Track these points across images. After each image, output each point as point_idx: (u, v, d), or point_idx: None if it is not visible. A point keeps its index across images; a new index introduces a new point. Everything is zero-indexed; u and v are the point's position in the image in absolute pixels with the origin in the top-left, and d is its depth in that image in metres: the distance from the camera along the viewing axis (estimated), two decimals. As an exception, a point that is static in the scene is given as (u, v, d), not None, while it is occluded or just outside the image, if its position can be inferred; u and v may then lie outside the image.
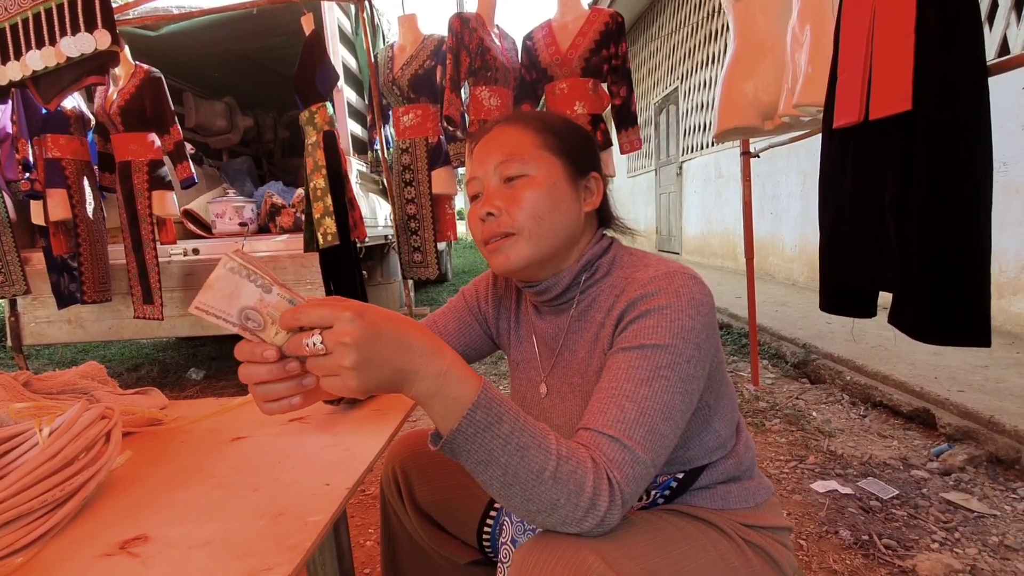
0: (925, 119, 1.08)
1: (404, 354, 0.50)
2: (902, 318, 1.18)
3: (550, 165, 0.75)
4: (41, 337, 3.17)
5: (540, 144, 0.76)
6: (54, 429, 0.67)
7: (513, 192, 0.74)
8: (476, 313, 0.96)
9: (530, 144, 0.76)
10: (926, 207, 1.08)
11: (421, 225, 2.59)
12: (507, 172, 0.75)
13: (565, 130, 0.79)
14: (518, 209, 0.73)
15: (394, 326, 0.50)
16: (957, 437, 1.95)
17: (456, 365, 0.53)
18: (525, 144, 0.76)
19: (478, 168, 0.78)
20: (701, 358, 0.67)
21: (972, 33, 1.04)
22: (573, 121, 0.84)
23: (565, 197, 0.75)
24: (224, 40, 3.76)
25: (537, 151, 0.75)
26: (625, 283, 0.75)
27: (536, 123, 0.78)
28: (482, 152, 0.79)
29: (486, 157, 0.77)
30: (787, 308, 3.81)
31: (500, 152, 0.76)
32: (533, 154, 0.75)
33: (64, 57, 1.03)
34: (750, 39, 1.93)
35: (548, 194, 0.74)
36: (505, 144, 0.76)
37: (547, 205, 0.73)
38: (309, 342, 0.47)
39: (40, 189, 2.62)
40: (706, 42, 6.01)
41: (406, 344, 0.50)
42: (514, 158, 0.75)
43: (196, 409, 0.86)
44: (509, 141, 0.76)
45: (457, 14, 2.27)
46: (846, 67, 1.26)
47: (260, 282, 0.49)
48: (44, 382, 0.82)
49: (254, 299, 0.49)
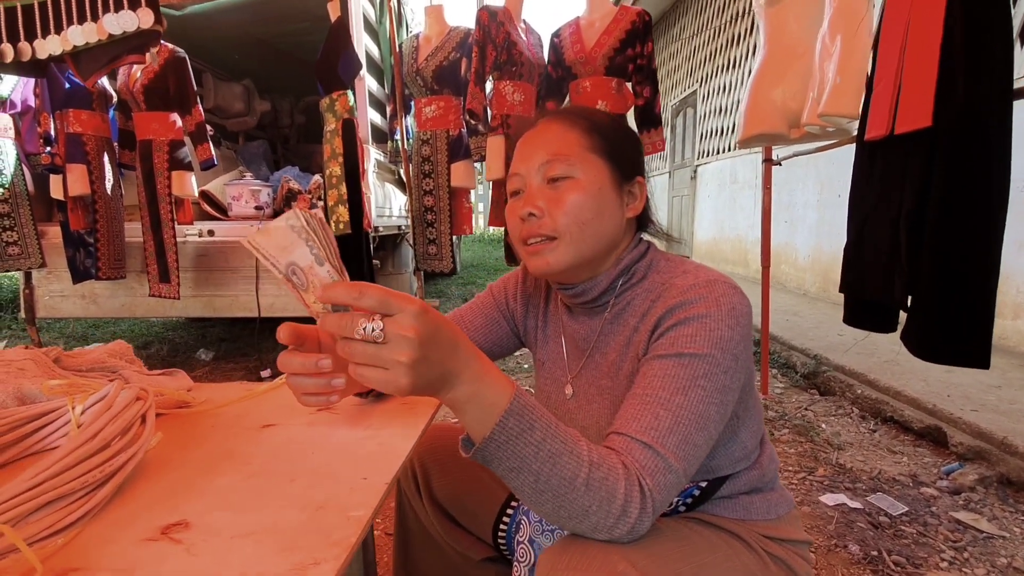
0: (945, 137, 1.07)
1: (453, 356, 0.49)
2: (909, 335, 1.18)
3: (596, 168, 0.73)
4: (54, 311, 3.19)
5: (587, 145, 0.74)
6: (87, 407, 0.68)
7: (557, 194, 0.73)
8: (504, 310, 0.96)
9: (576, 145, 0.74)
10: (937, 225, 1.08)
11: (438, 218, 2.59)
12: (552, 173, 0.73)
13: (613, 131, 0.77)
14: (561, 212, 0.72)
15: (448, 328, 0.49)
16: (968, 457, 1.94)
17: (491, 371, 0.52)
18: (571, 144, 0.74)
19: (521, 164, 0.76)
20: (738, 369, 0.66)
21: (1000, 54, 1.02)
22: (622, 121, 0.82)
23: (609, 202, 0.74)
24: (247, 23, 3.76)
25: (583, 153, 0.73)
26: (662, 288, 0.74)
27: (583, 122, 0.76)
28: (526, 148, 0.77)
29: (531, 154, 0.75)
30: (798, 318, 3.79)
31: (545, 151, 0.74)
32: (579, 156, 0.73)
33: (106, 34, 1.03)
34: (781, 45, 1.91)
35: (592, 199, 0.72)
36: (551, 142, 0.74)
37: (591, 210, 0.72)
38: (367, 327, 0.44)
39: (60, 164, 2.63)
40: (728, 46, 5.96)
41: (456, 346, 0.49)
42: (559, 158, 0.73)
43: (222, 393, 0.87)
44: (555, 140, 0.74)
45: (485, 7, 2.26)
46: (880, 80, 1.24)
47: (315, 251, 0.47)
48: (74, 359, 0.82)
49: (305, 262, 0.48)
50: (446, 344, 0.48)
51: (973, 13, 1.03)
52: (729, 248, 6.08)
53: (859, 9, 1.48)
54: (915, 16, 1.14)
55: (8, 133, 2.82)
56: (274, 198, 3.48)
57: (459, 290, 5.77)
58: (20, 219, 2.83)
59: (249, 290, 3.07)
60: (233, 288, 3.08)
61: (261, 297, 3.06)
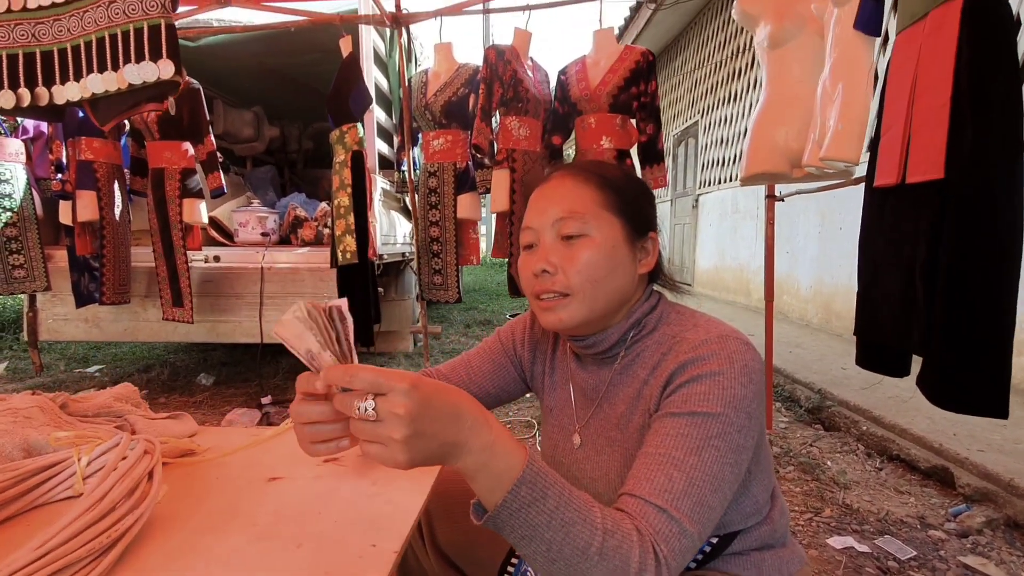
0: (955, 188, 1.08)
1: (454, 427, 0.49)
2: (926, 382, 1.17)
3: (610, 225, 0.74)
4: (57, 334, 3.19)
5: (601, 202, 0.74)
6: (93, 458, 0.68)
7: (571, 252, 0.73)
8: (511, 355, 0.96)
9: (591, 201, 0.74)
10: (952, 275, 1.08)
11: (444, 248, 2.61)
12: (566, 230, 0.73)
13: (626, 187, 0.78)
14: (575, 271, 0.72)
15: (446, 398, 0.49)
16: (975, 498, 1.91)
17: (502, 438, 0.52)
18: (585, 201, 0.74)
19: (535, 219, 0.76)
20: (751, 427, 0.66)
21: (1009, 107, 1.04)
22: (634, 175, 0.82)
23: (623, 260, 0.75)
24: (260, 54, 3.84)
25: (597, 210, 0.74)
26: (673, 341, 0.74)
27: (597, 178, 0.76)
28: (540, 202, 0.77)
29: (544, 209, 0.76)
30: (801, 350, 3.77)
31: (559, 207, 0.74)
32: (593, 213, 0.74)
33: (126, 84, 1.05)
34: (783, 87, 1.95)
35: (606, 257, 0.73)
36: (565, 199, 0.75)
37: (604, 268, 0.73)
38: (361, 405, 0.46)
39: (70, 190, 2.66)
40: (728, 80, 6.07)
41: (457, 417, 0.49)
42: (574, 216, 0.73)
43: (227, 439, 0.86)
44: (569, 196, 0.75)
45: (493, 46, 2.31)
46: (889, 128, 1.26)
47: (319, 339, 0.51)
48: (80, 403, 0.82)
49: (315, 348, 0.51)
50: (444, 416, 0.48)
51: (982, 67, 1.05)
52: (731, 277, 6.09)
53: (861, 57, 1.51)
54: (923, 68, 1.16)
55: (20, 158, 2.86)
56: (280, 224, 3.51)
57: (461, 315, 5.77)
58: (28, 243, 2.85)
59: (252, 316, 3.08)
60: (237, 314, 3.09)
61: (264, 324, 3.06)
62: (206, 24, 3.35)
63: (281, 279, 3.06)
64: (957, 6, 1.10)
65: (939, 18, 1.15)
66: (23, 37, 1.11)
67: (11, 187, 2.78)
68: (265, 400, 3.09)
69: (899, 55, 1.25)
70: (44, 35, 1.12)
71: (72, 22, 1.09)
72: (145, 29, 1.06)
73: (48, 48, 1.09)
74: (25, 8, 1.11)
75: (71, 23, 1.09)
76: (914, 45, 1.19)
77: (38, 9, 1.12)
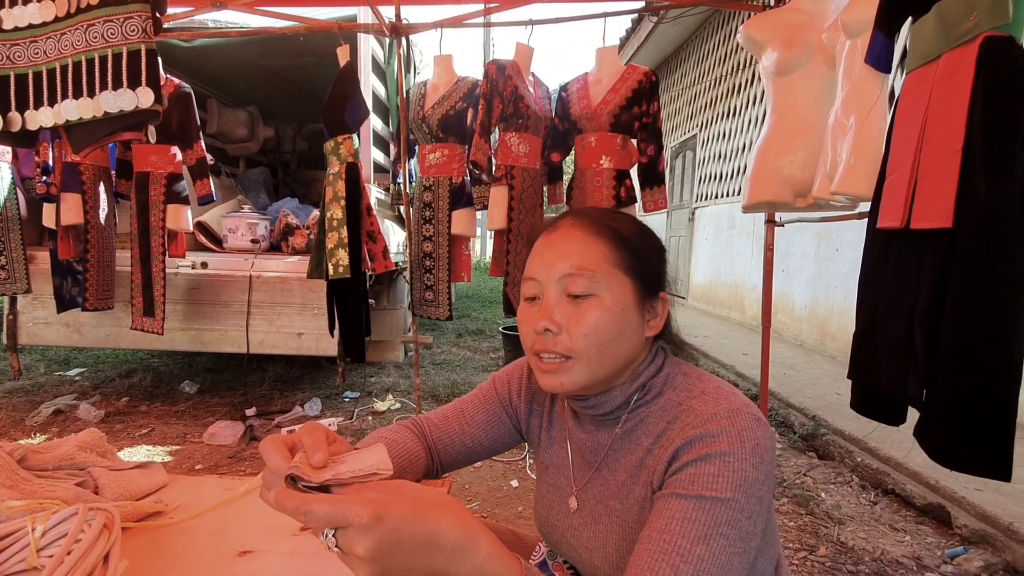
0: (965, 238, 1.04)
1: (429, 557, 0.45)
2: (924, 435, 1.13)
3: (621, 286, 0.69)
4: (37, 338, 3.11)
5: (613, 260, 0.69)
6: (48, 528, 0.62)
7: (577, 312, 0.68)
8: (507, 406, 0.91)
9: (602, 259, 0.69)
10: (956, 327, 1.04)
11: (436, 264, 2.55)
12: (573, 289, 0.68)
13: (640, 243, 0.72)
14: (580, 333, 0.67)
15: (419, 527, 0.44)
16: (973, 540, 1.88)
17: (491, 558, 0.47)
18: (597, 258, 0.69)
19: (540, 271, 0.71)
20: (761, 512, 0.61)
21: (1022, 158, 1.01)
22: (648, 229, 0.76)
23: (631, 323, 0.70)
24: (256, 56, 3.78)
25: (609, 268, 0.69)
26: (678, 409, 0.70)
27: (609, 232, 0.71)
28: (547, 253, 0.72)
29: (552, 262, 0.70)
30: (795, 372, 3.75)
31: (568, 262, 0.69)
32: (604, 271, 0.68)
33: (102, 112, 0.99)
34: (789, 115, 1.92)
35: (615, 320, 0.68)
36: (575, 255, 0.69)
37: (612, 332, 0.68)
38: (325, 540, 0.43)
39: (55, 193, 2.59)
40: (728, 94, 6.06)
41: (433, 545, 0.45)
42: (583, 274, 0.68)
43: (198, 493, 0.80)
44: (579, 251, 0.69)
45: (494, 61, 2.27)
46: (895, 170, 1.23)
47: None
48: (40, 455, 0.76)
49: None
50: (417, 547, 0.44)
51: (995, 116, 1.02)
52: (726, 293, 6.07)
53: (874, 91, 1.48)
54: (934, 112, 1.13)
55: (5, 157, 2.78)
56: (271, 231, 3.45)
57: (453, 325, 5.71)
58: (10, 243, 2.77)
59: (239, 325, 3.01)
60: (223, 323, 3.02)
61: (251, 333, 2.99)
62: (201, 25, 3.29)
63: (270, 288, 3.00)
64: (973, 51, 1.06)
65: (953, 62, 1.11)
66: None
67: (-6, 187, 2.69)
68: (249, 412, 3.01)
69: (908, 96, 1.21)
70: (20, 57, 1.05)
71: (49, 44, 1.02)
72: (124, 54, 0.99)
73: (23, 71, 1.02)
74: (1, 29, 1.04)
75: (47, 45, 1.02)
76: (925, 87, 1.16)
77: (14, 31, 1.05)
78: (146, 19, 1.03)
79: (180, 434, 2.74)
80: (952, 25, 1.12)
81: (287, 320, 2.99)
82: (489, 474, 2.41)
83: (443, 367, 4.09)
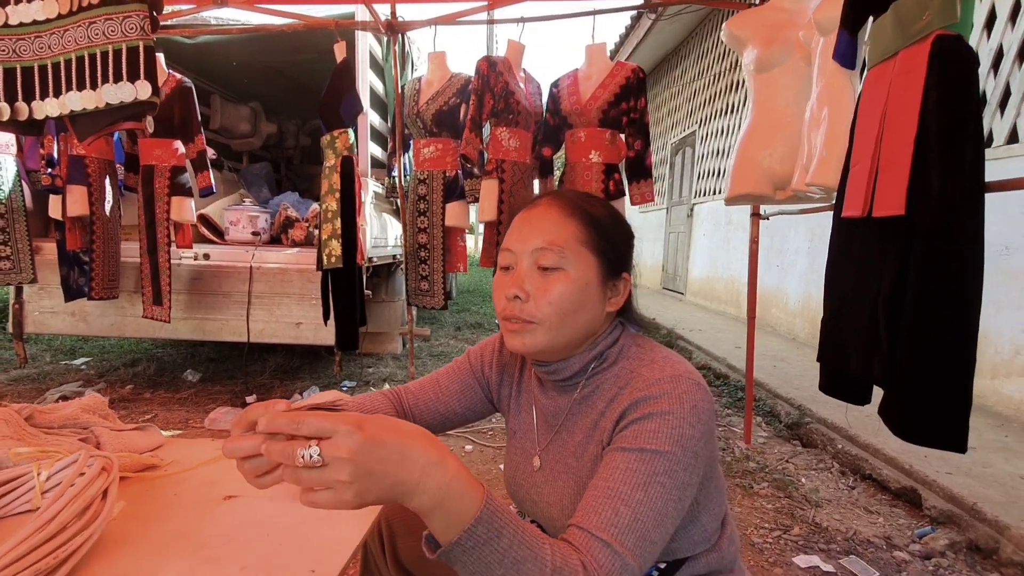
0: (921, 227, 1.10)
1: (404, 468, 0.50)
2: (887, 413, 1.20)
3: (586, 263, 0.76)
4: (43, 327, 3.20)
5: (582, 239, 0.76)
6: (53, 474, 0.69)
7: (545, 282, 0.75)
8: (479, 377, 0.98)
9: (572, 237, 0.76)
10: (915, 310, 1.11)
11: (431, 255, 2.63)
12: (543, 261, 0.75)
13: (610, 227, 0.79)
14: (545, 301, 0.74)
15: (396, 437, 0.50)
16: (941, 520, 1.94)
17: (458, 477, 0.52)
18: (567, 236, 0.76)
19: (516, 243, 0.78)
20: (697, 466, 0.68)
21: (972, 151, 1.07)
22: (619, 215, 0.83)
23: (592, 297, 0.77)
24: (257, 52, 3.85)
25: (577, 246, 0.76)
26: (629, 376, 0.77)
27: (582, 213, 0.78)
28: (524, 228, 0.79)
29: (527, 236, 0.77)
30: (785, 364, 3.81)
31: (541, 237, 0.76)
32: (573, 248, 0.75)
33: (104, 102, 1.06)
34: (768, 110, 1.98)
35: (577, 292, 0.75)
36: (548, 231, 0.76)
37: (574, 303, 0.75)
38: (305, 453, 0.46)
39: (60, 185, 2.67)
40: (727, 91, 6.10)
41: (407, 456, 0.50)
42: (553, 248, 0.75)
43: (191, 452, 0.88)
44: (553, 227, 0.76)
45: (485, 57, 2.33)
46: (857, 161, 1.29)
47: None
48: (46, 415, 0.84)
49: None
50: (392, 455, 0.49)
51: (945, 109, 1.08)
52: (723, 288, 6.13)
53: (845, 86, 1.54)
54: (892, 105, 1.19)
55: (10, 149, 2.86)
56: (271, 224, 3.53)
57: (452, 318, 5.78)
58: (15, 234, 2.86)
59: (240, 315, 3.09)
60: (224, 312, 3.10)
61: (251, 323, 3.07)
62: (204, 22, 3.36)
63: (270, 279, 3.08)
64: (925, 49, 1.13)
65: (909, 58, 1.17)
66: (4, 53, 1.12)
67: (0, 179, 2.78)
68: (249, 399, 3.10)
69: (869, 91, 1.27)
70: (25, 51, 1.14)
71: (53, 40, 1.11)
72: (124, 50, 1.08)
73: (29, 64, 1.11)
74: (7, 24, 1.13)
75: (52, 40, 1.11)
76: (884, 82, 1.22)
77: (19, 26, 1.13)
78: (144, 17, 1.11)
79: (183, 419, 2.83)
80: (907, 24, 1.19)
81: (286, 310, 3.07)
82: (479, 458, 2.49)
83: (440, 359, 4.17)
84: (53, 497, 0.57)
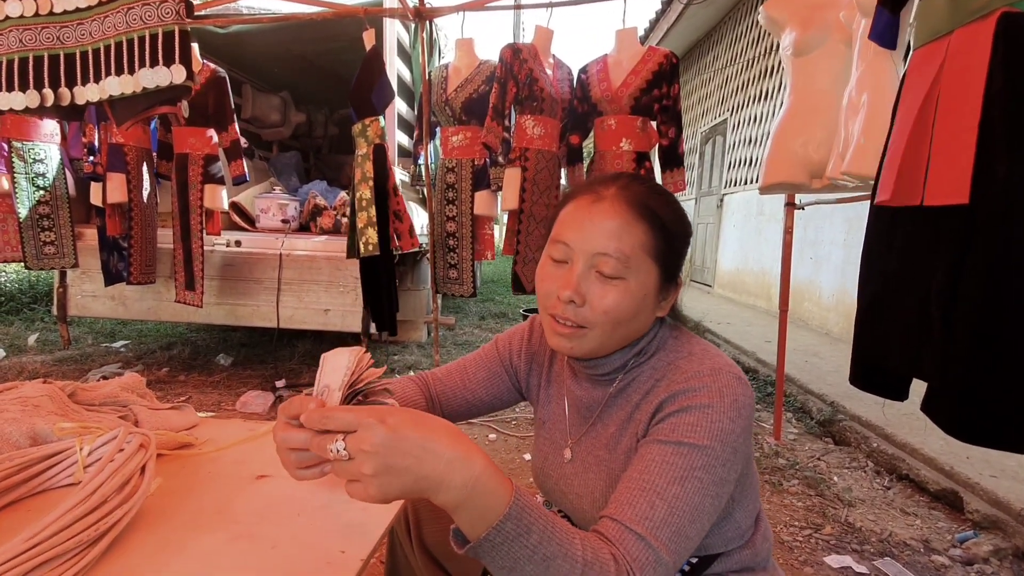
0: (984, 215, 1.04)
1: (428, 462, 0.49)
2: (936, 409, 1.15)
3: (647, 273, 0.72)
4: (85, 310, 3.32)
5: (648, 247, 0.72)
6: (94, 448, 0.71)
7: (603, 290, 0.71)
8: (507, 365, 0.97)
9: (638, 245, 0.71)
10: (979, 304, 1.05)
11: (460, 243, 2.63)
12: (604, 269, 0.71)
13: (674, 231, 0.75)
14: (601, 309, 0.71)
15: (420, 432, 0.49)
16: (984, 525, 1.87)
17: (486, 473, 0.51)
18: (633, 244, 0.71)
19: (575, 239, 0.72)
20: (735, 462, 0.66)
21: None
22: (682, 211, 0.78)
23: (648, 306, 0.74)
24: (287, 41, 3.90)
25: (641, 255, 0.71)
26: (666, 368, 0.75)
27: (650, 217, 0.72)
28: (586, 224, 0.72)
29: (589, 236, 0.71)
30: (818, 359, 3.71)
31: (607, 243, 0.71)
32: (638, 258, 0.71)
33: (141, 87, 1.09)
34: (806, 95, 1.91)
35: (635, 304, 0.72)
36: (614, 236, 0.71)
37: (629, 313, 0.72)
38: (332, 447, 0.48)
39: (101, 172, 2.76)
40: (760, 78, 5.93)
41: (431, 451, 0.49)
42: (618, 256, 0.70)
43: (225, 431, 0.90)
44: (619, 233, 0.71)
45: (509, 45, 2.30)
46: (900, 147, 1.23)
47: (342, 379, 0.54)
48: (87, 392, 0.86)
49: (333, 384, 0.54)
50: (416, 450, 0.48)
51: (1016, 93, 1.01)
52: (752, 281, 5.99)
53: (887, 70, 1.47)
54: (946, 89, 1.12)
55: (55, 138, 2.96)
56: (300, 212, 3.58)
57: (476, 307, 5.80)
58: (59, 220, 2.96)
59: (270, 301, 3.16)
60: (255, 298, 3.17)
61: (281, 309, 3.13)
62: (236, 11, 3.41)
63: (299, 266, 3.13)
64: (989, 27, 1.06)
65: (967, 38, 1.10)
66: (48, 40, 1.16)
67: (45, 166, 2.89)
68: (279, 383, 3.17)
69: (915, 73, 1.20)
70: (68, 38, 1.18)
71: (94, 26, 1.14)
72: (160, 35, 1.10)
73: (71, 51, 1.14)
74: (51, 12, 1.17)
75: (92, 27, 1.14)
76: (934, 64, 1.15)
77: (63, 13, 1.17)
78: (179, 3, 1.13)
79: (215, 402, 2.91)
80: (964, 1, 1.12)
81: (315, 297, 3.12)
82: (503, 447, 2.49)
83: (465, 347, 4.19)
84: (94, 471, 0.59)
